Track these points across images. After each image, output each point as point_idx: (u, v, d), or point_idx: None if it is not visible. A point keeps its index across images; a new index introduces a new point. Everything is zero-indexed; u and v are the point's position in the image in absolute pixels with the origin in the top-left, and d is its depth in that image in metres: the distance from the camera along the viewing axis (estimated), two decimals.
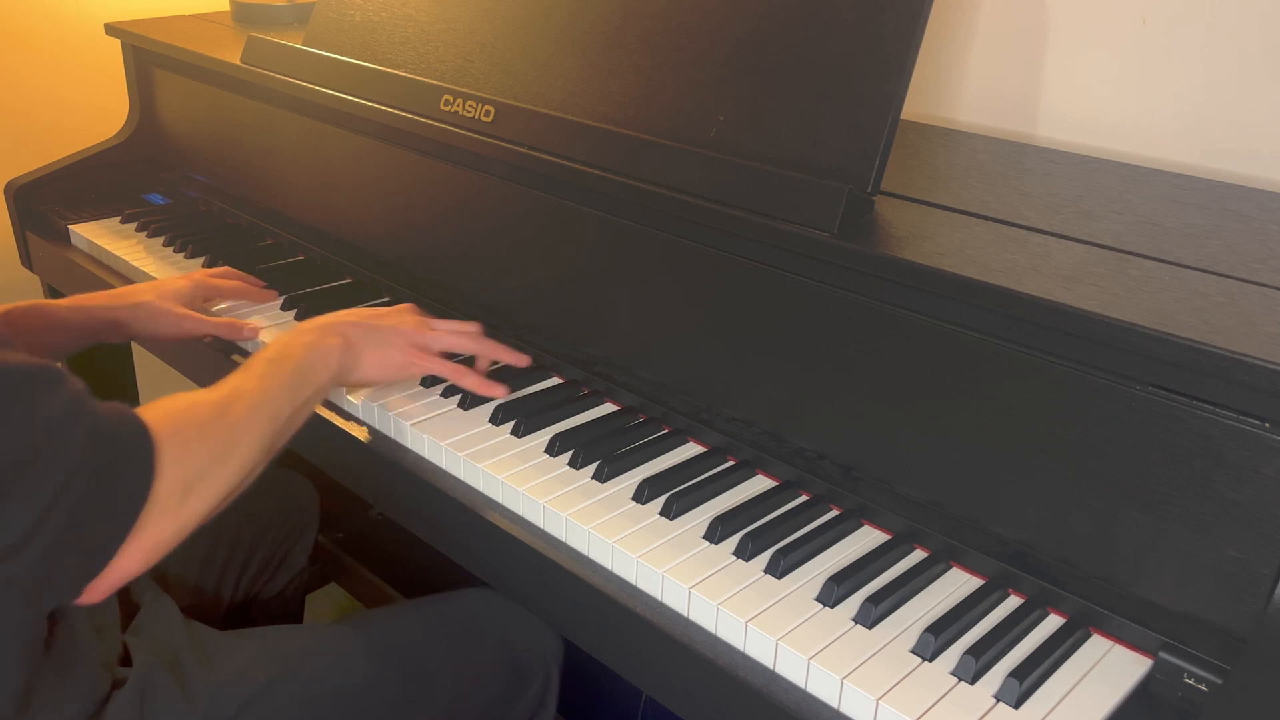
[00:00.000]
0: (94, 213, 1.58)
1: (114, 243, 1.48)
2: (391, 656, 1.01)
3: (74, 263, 1.50)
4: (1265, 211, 0.96)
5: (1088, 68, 1.22)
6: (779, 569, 0.83)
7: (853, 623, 0.79)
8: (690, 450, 1.00)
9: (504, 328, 1.18)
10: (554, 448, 0.98)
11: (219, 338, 1.22)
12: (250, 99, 1.44)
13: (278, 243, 1.47)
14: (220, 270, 1.30)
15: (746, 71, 0.97)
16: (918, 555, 0.87)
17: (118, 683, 0.87)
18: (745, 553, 0.85)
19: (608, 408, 1.07)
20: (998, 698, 0.73)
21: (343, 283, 1.36)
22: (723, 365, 0.97)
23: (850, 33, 0.91)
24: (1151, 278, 0.80)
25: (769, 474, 0.96)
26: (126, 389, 1.82)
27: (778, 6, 0.96)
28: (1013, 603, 0.82)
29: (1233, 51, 1.11)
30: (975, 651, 0.75)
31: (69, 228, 1.54)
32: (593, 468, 0.95)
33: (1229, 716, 0.68)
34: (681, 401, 1.02)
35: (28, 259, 1.63)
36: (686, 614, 0.82)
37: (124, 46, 1.65)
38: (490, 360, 1.10)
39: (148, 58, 1.63)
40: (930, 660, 0.75)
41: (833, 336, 0.89)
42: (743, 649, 0.78)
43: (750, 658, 0.78)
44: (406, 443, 1.03)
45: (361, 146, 1.29)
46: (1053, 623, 0.80)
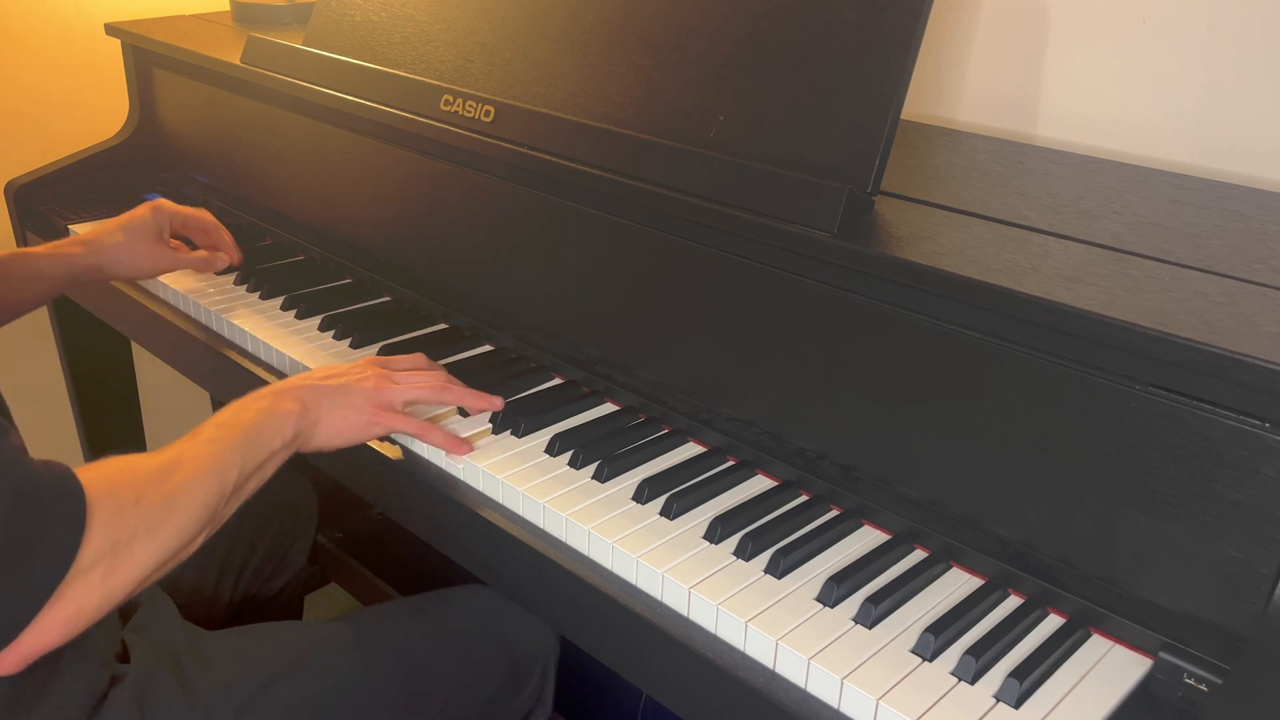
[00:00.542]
0: (94, 213, 1.58)
1: None
2: (389, 654, 1.01)
3: None
4: (1265, 211, 0.96)
5: (1088, 68, 1.22)
6: (779, 569, 0.83)
7: (853, 623, 0.79)
8: (690, 450, 1.00)
9: (504, 328, 1.18)
10: (554, 448, 0.98)
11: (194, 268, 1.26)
12: (250, 99, 1.44)
13: (278, 243, 1.47)
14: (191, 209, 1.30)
15: (746, 71, 0.97)
16: (918, 555, 0.87)
17: (116, 679, 0.87)
18: (745, 553, 0.85)
19: (608, 408, 1.07)
20: (998, 698, 0.73)
21: (343, 283, 1.36)
22: (723, 365, 0.97)
23: (850, 33, 0.91)
24: (1151, 278, 0.80)
25: (769, 474, 0.96)
26: (127, 390, 1.82)
27: (778, 6, 0.96)
28: (1013, 603, 0.82)
29: (1233, 51, 1.11)
30: (975, 651, 0.75)
31: (69, 228, 1.54)
32: (593, 468, 0.95)
33: (1229, 716, 0.68)
34: (681, 401, 1.02)
35: None
36: (686, 614, 0.82)
37: (124, 46, 1.65)
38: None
39: (148, 58, 1.63)
40: (930, 660, 0.75)
41: (833, 336, 0.89)
42: (743, 649, 0.78)
43: (750, 658, 0.78)
44: (406, 443, 1.03)
45: (361, 146, 1.29)
46: (1053, 623, 0.80)
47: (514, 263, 1.15)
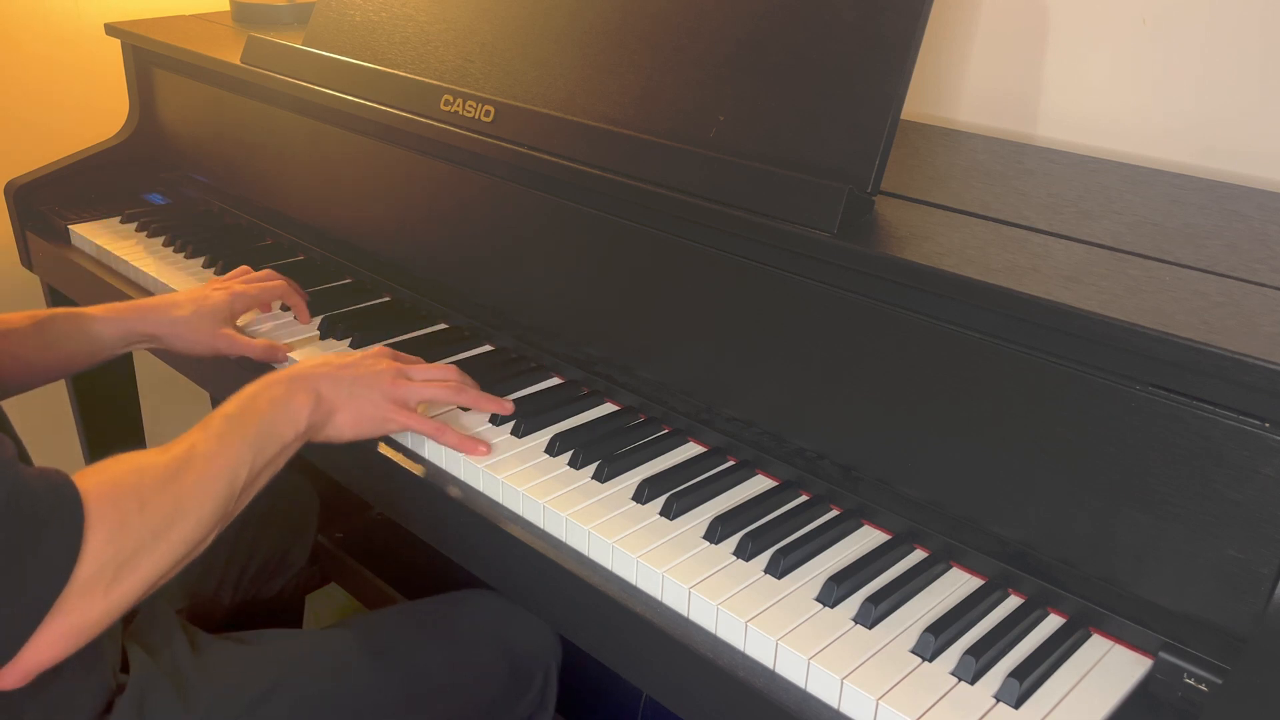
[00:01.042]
0: (94, 213, 1.58)
1: (114, 243, 1.48)
2: (391, 659, 1.01)
3: (74, 263, 1.50)
4: (1265, 211, 0.96)
5: (1088, 68, 1.22)
6: (779, 569, 0.83)
7: (853, 623, 0.79)
8: (690, 450, 1.00)
9: (504, 328, 1.18)
10: (554, 448, 0.98)
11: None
12: (250, 99, 1.44)
13: (278, 243, 1.47)
14: (261, 275, 1.22)
15: (746, 71, 0.97)
16: (918, 555, 0.87)
17: (119, 688, 0.87)
18: (745, 553, 0.85)
19: (608, 408, 1.07)
20: (998, 698, 0.73)
21: (343, 283, 1.36)
22: (723, 365, 0.97)
23: (850, 33, 0.91)
24: (1151, 278, 0.80)
25: (769, 474, 0.96)
26: (127, 389, 1.82)
27: (778, 6, 0.96)
28: (1013, 603, 0.82)
29: (1232, 52, 1.11)
30: (975, 651, 0.75)
31: (69, 228, 1.54)
32: (593, 468, 0.95)
33: (1229, 716, 0.68)
34: (681, 401, 1.02)
35: (28, 259, 1.63)
36: (686, 614, 0.82)
37: (124, 46, 1.65)
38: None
39: (148, 58, 1.63)
40: (930, 660, 0.75)
41: (833, 336, 0.89)
42: (743, 649, 0.78)
43: (750, 658, 0.78)
44: (406, 444, 1.03)
45: (361, 146, 1.29)
46: (1053, 623, 0.80)
47: (514, 263, 1.15)
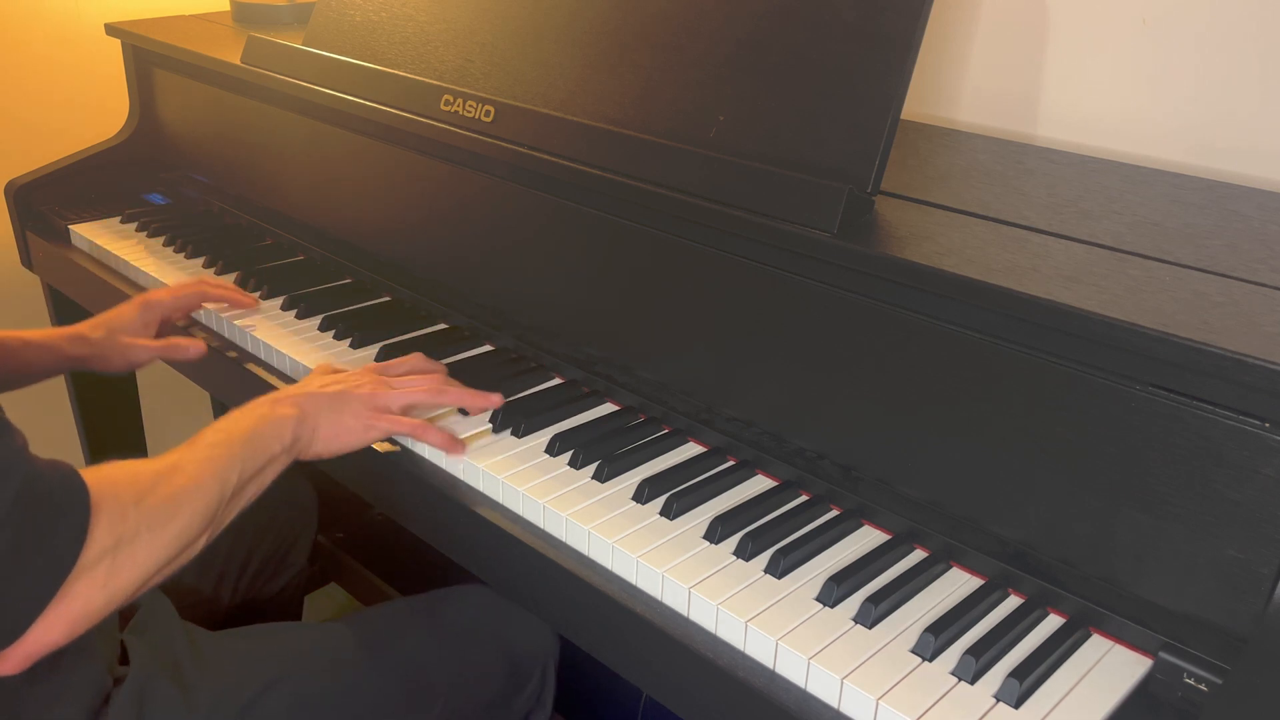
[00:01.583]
0: (94, 213, 1.58)
1: (114, 243, 1.48)
2: (389, 655, 1.01)
3: (74, 263, 1.50)
4: (1265, 211, 0.96)
5: (1088, 68, 1.22)
6: (779, 569, 0.83)
7: (853, 623, 0.79)
8: (690, 450, 1.00)
9: (504, 328, 1.18)
10: (554, 448, 0.98)
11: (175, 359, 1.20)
12: (250, 99, 1.44)
13: (278, 243, 1.47)
14: (178, 285, 1.25)
15: (746, 71, 0.97)
16: (918, 555, 0.87)
17: (116, 681, 0.87)
18: (745, 552, 0.85)
19: (608, 408, 1.07)
20: (998, 698, 0.73)
21: (343, 283, 1.36)
22: (723, 365, 0.97)
23: (850, 33, 0.91)
24: (1151, 278, 0.80)
25: (769, 474, 0.96)
26: (127, 389, 1.82)
27: (778, 6, 0.96)
28: (1013, 603, 0.82)
29: (1232, 51, 1.11)
30: (975, 651, 0.75)
31: (69, 228, 1.54)
32: (593, 468, 0.95)
33: (1229, 716, 0.68)
34: (681, 401, 1.02)
35: (28, 259, 1.63)
36: (686, 614, 0.82)
37: (124, 46, 1.65)
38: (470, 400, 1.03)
39: (148, 58, 1.63)
40: (930, 660, 0.75)
41: (833, 336, 0.89)
42: (743, 649, 0.78)
43: (750, 657, 0.78)
44: (406, 444, 1.03)
45: (361, 146, 1.29)
46: (1053, 623, 0.80)
47: (514, 263, 1.15)
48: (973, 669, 0.74)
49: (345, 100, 1.24)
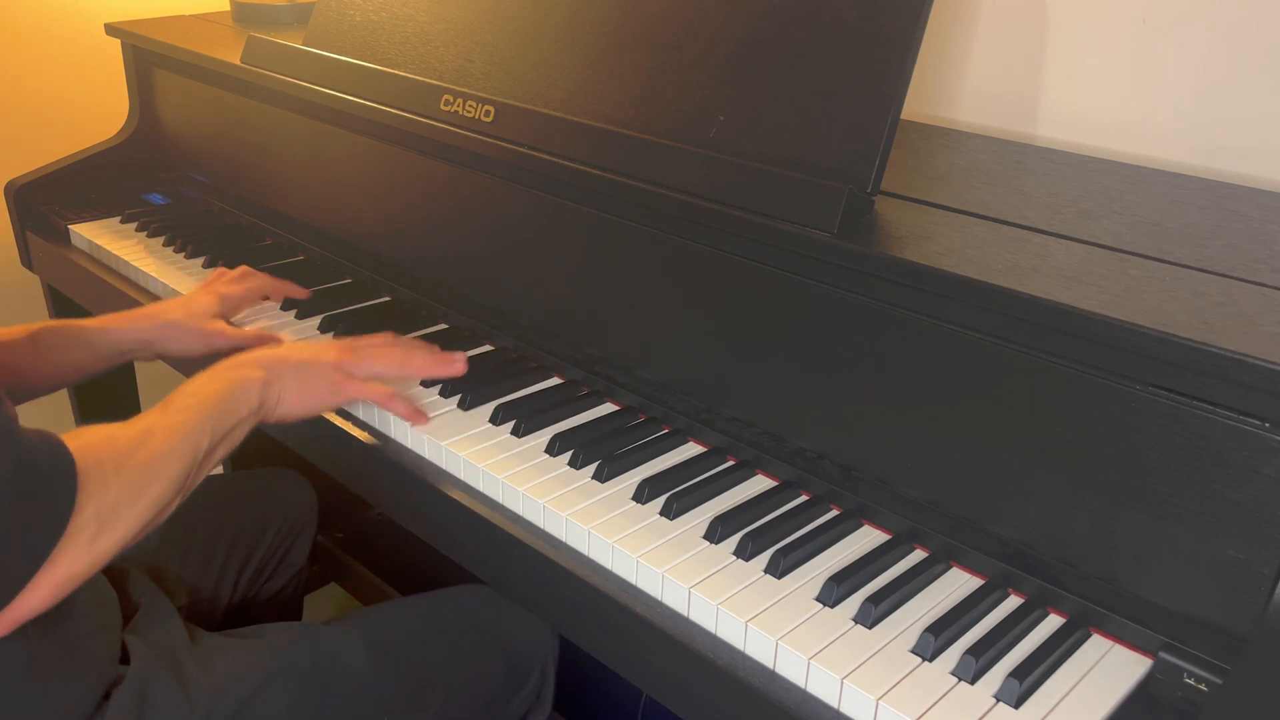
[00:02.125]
0: (94, 213, 1.58)
1: (114, 243, 1.48)
2: (388, 653, 1.01)
3: (74, 263, 1.50)
4: (1265, 211, 0.96)
5: (1088, 68, 1.22)
6: (779, 569, 0.83)
7: (853, 623, 0.79)
8: (690, 450, 1.00)
9: (504, 328, 1.18)
10: (554, 448, 0.98)
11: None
12: (250, 99, 1.44)
13: (278, 243, 1.47)
14: (237, 273, 1.25)
15: (746, 71, 0.97)
16: (918, 555, 0.87)
17: (116, 679, 0.88)
18: (745, 552, 0.85)
19: (608, 408, 1.07)
20: (998, 698, 0.73)
21: (343, 283, 1.36)
22: (723, 365, 0.97)
23: (850, 33, 0.91)
24: (1151, 278, 0.80)
25: (769, 474, 0.96)
26: (127, 389, 1.82)
27: (778, 6, 0.96)
28: (1013, 603, 0.82)
29: (1232, 51, 1.11)
30: (975, 651, 0.75)
31: (69, 228, 1.54)
32: (593, 468, 0.95)
33: (1229, 716, 0.68)
34: (681, 401, 1.02)
35: (28, 259, 1.63)
36: (686, 614, 0.82)
37: (124, 46, 1.65)
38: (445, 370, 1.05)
39: (148, 58, 1.63)
40: (930, 660, 0.75)
41: (833, 336, 0.89)
42: (743, 649, 0.78)
43: (750, 657, 0.78)
44: (407, 443, 1.03)
45: (361, 146, 1.29)
46: (1053, 623, 0.80)
47: (514, 263, 1.15)
48: (973, 669, 0.74)
49: (345, 100, 1.24)
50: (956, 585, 0.84)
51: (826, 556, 0.86)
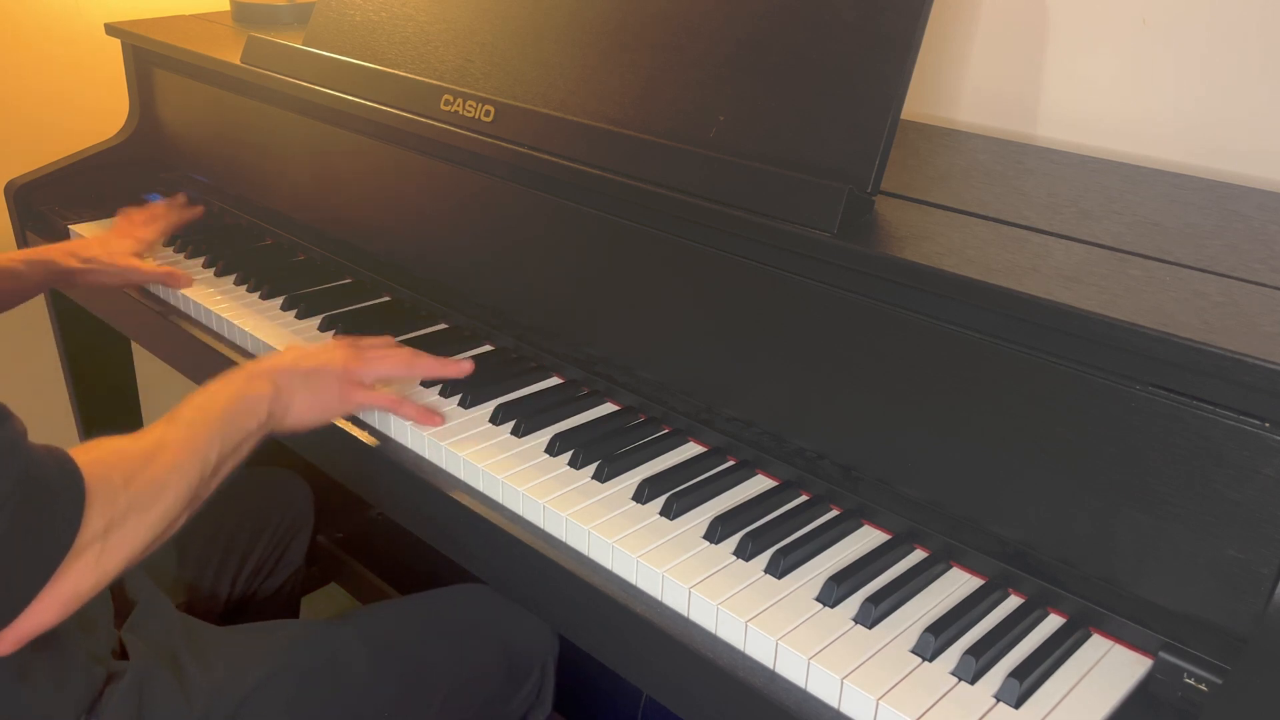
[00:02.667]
0: (94, 213, 1.58)
1: None
2: (388, 652, 1.01)
3: None
4: (1265, 211, 0.96)
5: (1088, 68, 1.22)
6: (779, 569, 0.83)
7: (853, 623, 0.79)
8: (690, 450, 1.00)
9: (504, 328, 1.18)
10: (554, 448, 0.98)
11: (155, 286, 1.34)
12: (250, 99, 1.44)
13: (278, 243, 1.47)
14: (146, 215, 1.43)
15: (746, 71, 0.97)
16: (918, 555, 0.87)
17: (113, 676, 0.87)
18: (745, 553, 0.85)
19: (608, 408, 1.07)
20: (998, 698, 0.73)
21: (343, 283, 1.36)
22: (723, 365, 0.97)
23: (850, 33, 0.91)
24: (1151, 278, 0.80)
25: (769, 474, 0.96)
26: (127, 387, 1.82)
27: (778, 6, 0.96)
28: (1013, 603, 0.82)
29: (1233, 52, 1.11)
30: (975, 651, 0.75)
31: (69, 228, 1.54)
32: (593, 468, 0.95)
33: (1229, 716, 0.68)
34: (681, 401, 1.02)
35: None
36: (686, 614, 0.82)
37: (124, 46, 1.65)
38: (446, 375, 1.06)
39: (148, 58, 1.63)
40: (930, 660, 0.75)
41: (833, 336, 0.89)
42: (743, 649, 0.78)
43: (750, 657, 0.78)
44: (406, 443, 1.03)
45: (361, 146, 1.29)
46: (1053, 623, 0.80)
47: (514, 263, 1.15)
48: (973, 669, 0.74)
49: (345, 100, 1.24)
50: (956, 585, 0.84)
51: (826, 556, 0.86)
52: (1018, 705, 0.72)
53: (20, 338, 1.80)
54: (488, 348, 1.19)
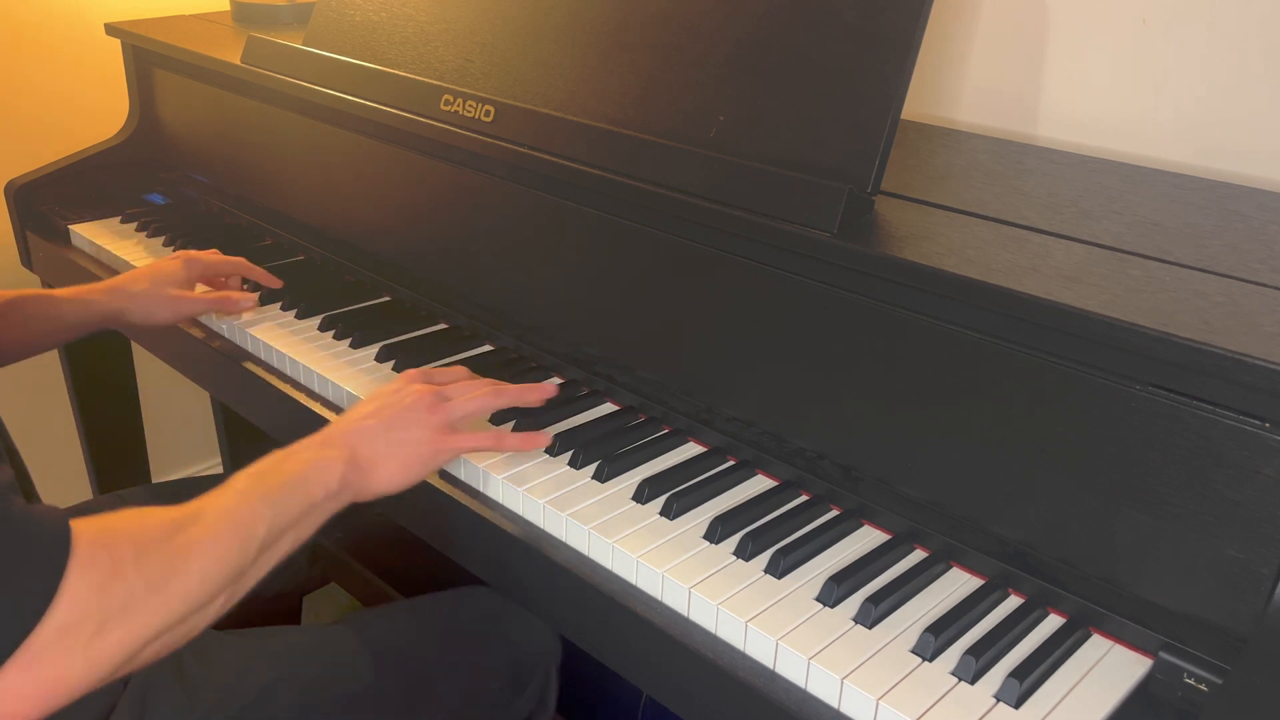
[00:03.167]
0: (94, 213, 1.58)
1: (114, 243, 1.48)
2: (391, 656, 1.01)
3: (74, 263, 1.50)
4: (1265, 211, 0.96)
5: (1088, 68, 1.22)
6: (779, 569, 0.83)
7: (853, 623, 0.79)
8: (690, 450, 1.00)
9: (504, 328, 1.18)
10: (554, 447, 0.98)
11: (217, 318, 1.24)
12: (250, 99, 1.44)
13: (278, 243, 1.47)
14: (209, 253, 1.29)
15: (746, 71, 0.97)
16: (918, 555, 0.87)
17: (123, 687, 0.88)
18: (745, 553, 0.85)
19: (608, 408, 1.07)
20: (998, 698, 0.72)
21: (343, 282, 1.35)
22: (723, 365, 0.97)
23: (850, 33, 0.91)
24: (1151, 278, 0.80)
25: (769, 474, 0.96)
26: (127, 388, 1.82)
27: (778, 6, 0.96)
28: (1013, 603, 0.82)
29: (1233, 52, 1.11)
30: (975, 651, 0.75)
31: (69, 228, 1.54)
32: (593, 467, 0.95)
33: (1229, 716, 0.68)
34: (681, 401, 1.02)
35: (28, 259, 1.63)
36: (686, 614, 0.82)
37: (124, 46, 1.65)
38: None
39: (148, 58, 1.63)
40: (930, 660, 0.75)
41: (833, 336, 0.89)
42: (743, 649, 0.78)
43: (750, 658, 0.78)
44: None
45: (361, 146, 1.29)
46: (1053, 623, 0.80)
47: (514, 263, 1.15)
48: (973, 669, 0.74)
49: (345, 100, 1.24)
50: (956, 585, 0.84)
51: (826, 556, 0.86)
52: (1018, 705, 0.72)
53: None
54: (487, 348, 1.19)
